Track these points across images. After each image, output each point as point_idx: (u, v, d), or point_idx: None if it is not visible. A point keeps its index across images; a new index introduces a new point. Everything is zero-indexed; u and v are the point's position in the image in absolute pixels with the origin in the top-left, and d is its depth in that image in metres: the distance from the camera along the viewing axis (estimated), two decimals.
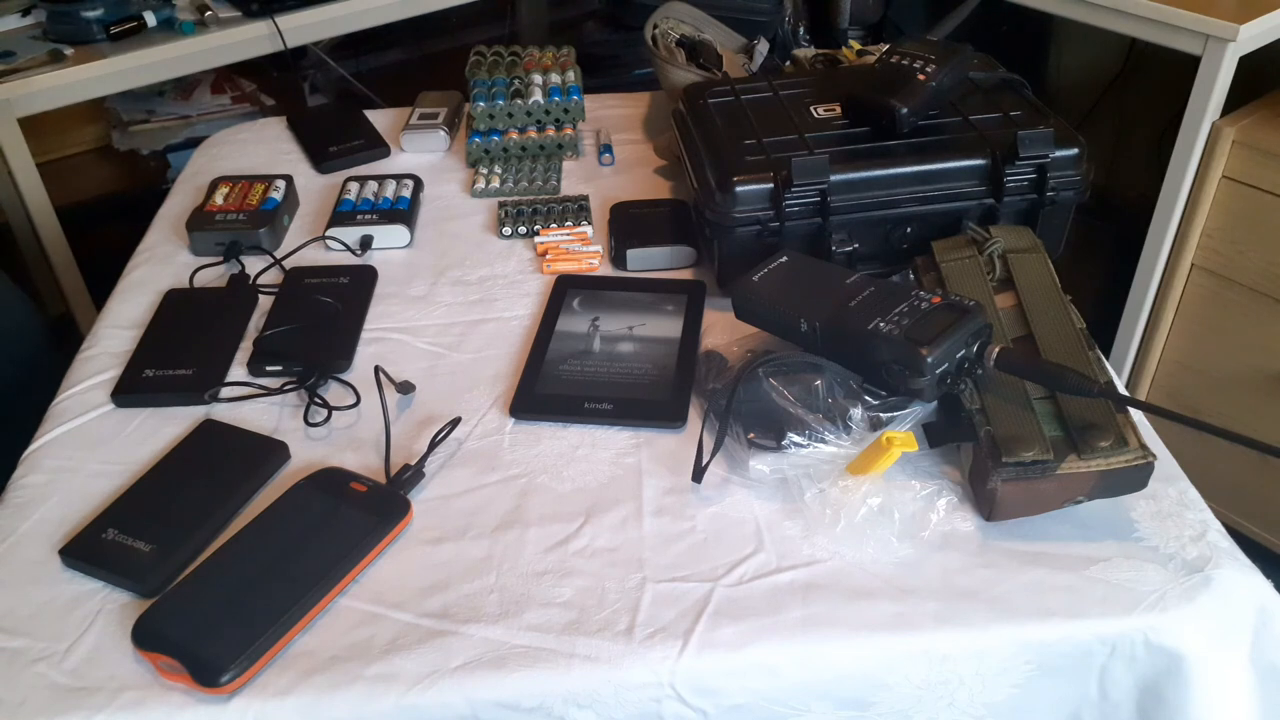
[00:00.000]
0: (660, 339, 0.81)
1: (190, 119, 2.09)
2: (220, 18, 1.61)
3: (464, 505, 0.68)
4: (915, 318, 0.66)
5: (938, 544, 0.64)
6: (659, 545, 0.65)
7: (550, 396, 0.76)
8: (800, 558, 0.64)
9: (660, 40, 1.15)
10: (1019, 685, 0.61)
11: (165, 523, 0.65)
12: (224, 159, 1.11)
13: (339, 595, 0.62)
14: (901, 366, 0.65)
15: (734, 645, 0.59)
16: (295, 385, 0.77)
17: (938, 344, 0.64)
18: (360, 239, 0.94)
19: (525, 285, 0.89)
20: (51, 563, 0.65)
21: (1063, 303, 0.72)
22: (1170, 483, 0.68)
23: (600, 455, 0.72)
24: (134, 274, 0.93)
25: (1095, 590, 0.61)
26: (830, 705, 0.60)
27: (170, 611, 0.60)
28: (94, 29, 1.55)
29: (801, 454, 0.67)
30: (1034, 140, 0.79)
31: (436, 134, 1.10)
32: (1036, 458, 0.62)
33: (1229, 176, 1.43)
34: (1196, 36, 1.36)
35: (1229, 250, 1.47)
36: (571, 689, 0.58)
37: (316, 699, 0.56)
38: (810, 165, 0.79)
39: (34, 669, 0.58)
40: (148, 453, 0.72)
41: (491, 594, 0.62)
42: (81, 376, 0.80)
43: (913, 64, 0.85)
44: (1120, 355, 1.64)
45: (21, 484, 0.71)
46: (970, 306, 0.67)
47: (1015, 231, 0.79)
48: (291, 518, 0.65)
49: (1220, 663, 0.61)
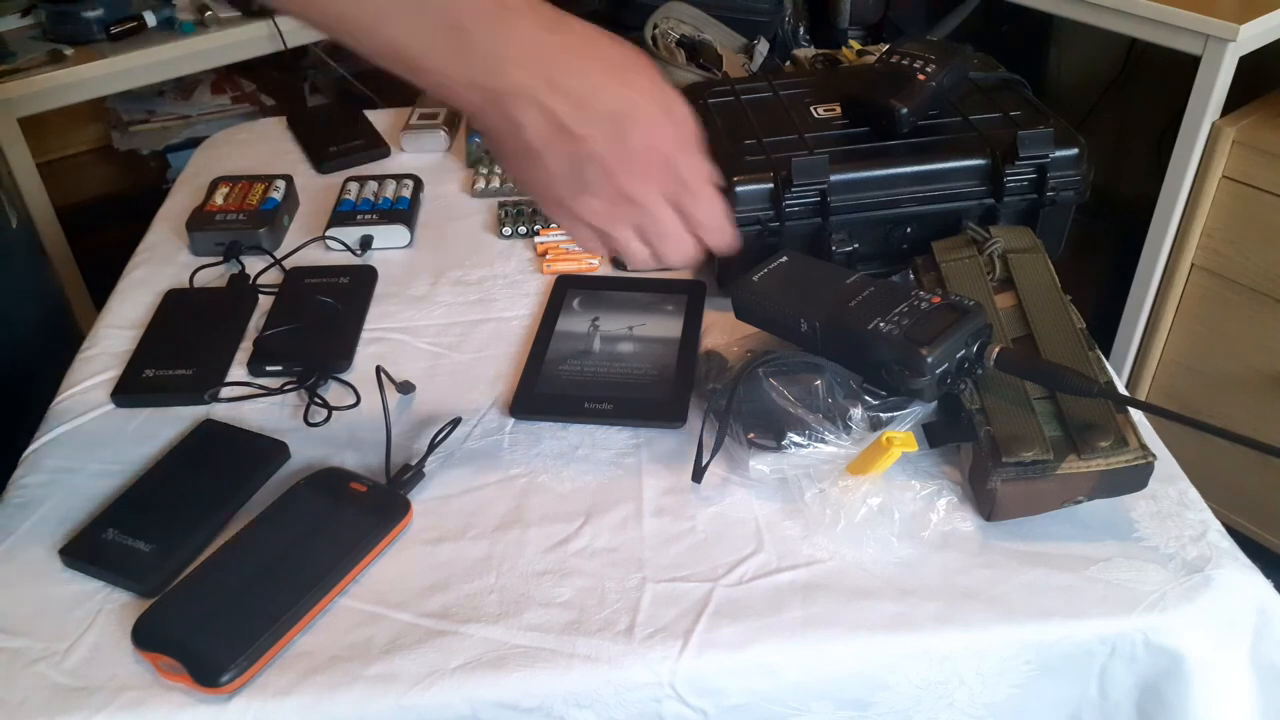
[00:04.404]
0: (660, 339, 0.81)
1: (190, 119, 2.09)
2: (220, 18, 1.61)
3: (464, 505, 0.68)
4: (915, 318, 0.66)
5: (938, 544, 0.64)
6: (659, 545, 0.65)
7: (550, 396, 0.76)
8: (800, 558, 0.64)
9: (660, 40, 1.15)
10: (1019, 685, 0.61)
11: (165, 523, 0.65)
12: (224, 159, 1.11)
13: (339, 595, 0.62)
14: (901, 366, 0.65)
15: (734, 645, 0.59)
16: (295, 385, 0.77)
17: (938, 344, 0.64)
18: (360, 239, 0.94)
19: (525, 285, 0.89)
20: (51, 563, 0.65)
21: (1063, 303, 0.72)
22: (1170, 483, 0.68)
23: (600, 455, 0.72)
24: (134, 274, 0.93)
25: (1095, 590, 0.61)
26: (830, 705, 0.60)
27: (170, 611, 0.60)
28: (94, 29, 1.55)
29: (801, 454, 0.67)
30: (1034, 140, 0.79)
31: (436, 134, 1.10)
32: (1036, 458, 0.62)
33: (1229, 176, 1.43)
34: (1196, 36, 1.36)
35: (1229, 250, 1.47)
36: (571, 689, 0.58)
37: (316, 699, 0.56)
38: (810, 165, 0.79)
39: (34, 669, 0.58)
40: (148, 453, 0.72)
41: (491, 594, 0.62)
42: (81, 376, 0.80)
43: (913, 64, 0.85)
44: (1120, 355, 1.64)
45: (21, 484, 0.71)
46: (970, 306, 0.67)
47: (1015, 231, 0.79)
48: (291, 518, 0.65)
49: (1220, 663, 0.61)
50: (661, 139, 0.57)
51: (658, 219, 0.59)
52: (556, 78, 0.54)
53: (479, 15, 0.53)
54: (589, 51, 0.56)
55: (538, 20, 0.54)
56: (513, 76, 0.54)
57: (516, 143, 0.56)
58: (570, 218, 0.59)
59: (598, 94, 0.55)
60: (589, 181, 0.57)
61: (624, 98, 0.56)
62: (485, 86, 0.54)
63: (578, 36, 0.56)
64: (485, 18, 0.53)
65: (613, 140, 0.55)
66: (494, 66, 0.53)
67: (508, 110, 0.54)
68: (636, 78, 0.57)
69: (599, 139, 0.55)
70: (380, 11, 0.53)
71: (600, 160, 0.56)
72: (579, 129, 0.55)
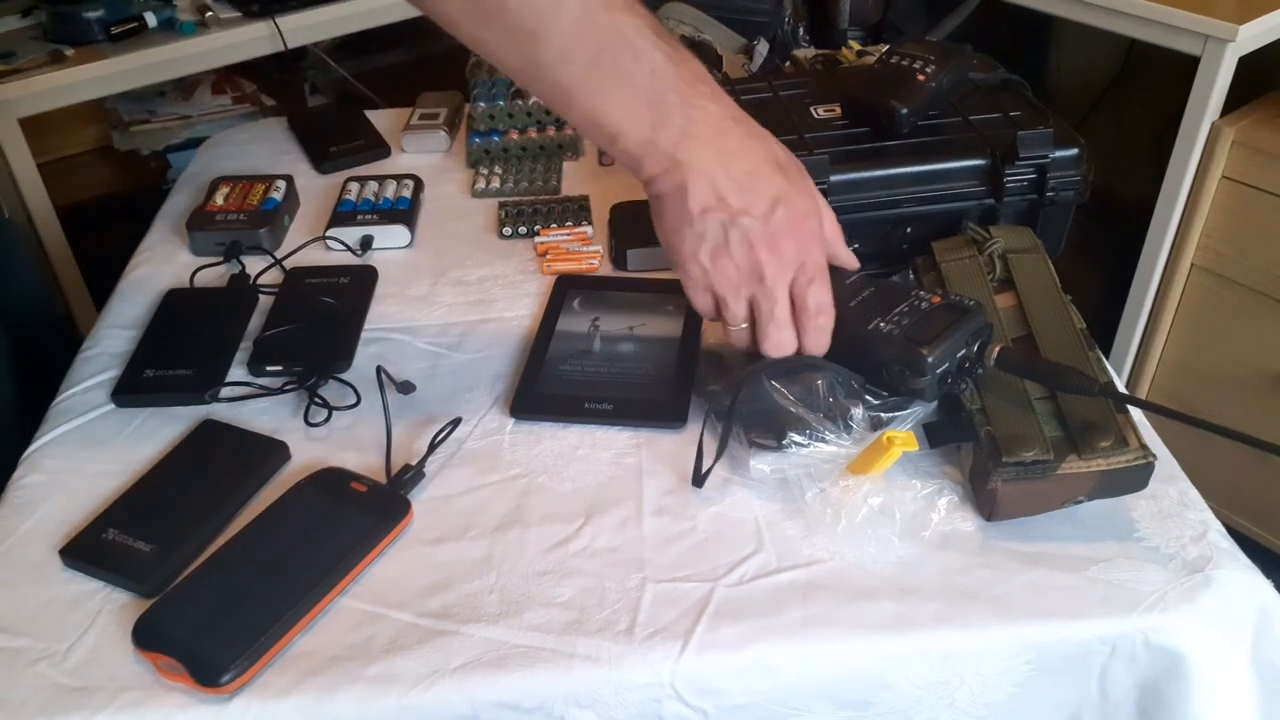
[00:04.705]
0: (660, 339, 0.81)
1: (191, 119, 2.08)
2: (220, 18, 1.61)
3: (464, 505, 0.68)
4: (915, 318, 0.67)
5: (938, 544, 0.64)
6: (659, 545, 0.65)
7: (550, 396, 0.76)
8: (800, 558, 0.64)
9: None
10: (1019, 685, 0.61)
11: (165, 523, 0.65)
12: (225, 159, 1.11)
13: (339, 595, 0.62)
14: (902, 367, 0.65)
15: (734, 645, 0.59)
16: (295, 385, 0.77)
17: (938, 344, 0.64)
18: (360, 239, 0.94)
19: (525, 285, 0.89)
20: (51, 563, 0.65)
21: (1063, 303, 0.72)
22: (1170, 483, 0.68)
23: (600, 455, 0.72)
24: (134, 274, 0.93)
25: (1095, 590, 0.61)
26: (830, 705, 0.60)
27: (170, 611, 0.60)
28: (94, 29, 1.55)
29: (802, 454, 0.67)
30: (1034, 140, 0.79)
31: (437, 134, 1.10)
32: (1037, 458, 0.62)
33: (1229, 176, 1.43)
34: (1196, 37, 1.36)
35: (1229, 250, 1.47)
36: (572, 689, 0.58)
37: (317, 699, 0.56)
38: (810, 165, 0.78)
39: (34, 669, 0.58)
40: (148, 453, 0.72)
41: (492, 594, 0.62)
42: (81, 376, 0.80)
43: (913, 64, 0.85)
44: (1120, 355, 1.64)
45: (21, 484, 0.71)
46: (970, 306, 0.67)
47: (1015, 231, 0.79)
48: (292, 518, 0.65)
49: (1220, 663, 0.61)
50: (804, 228, 0.65)
51: (775, 300, 0.65)
52: (729, 160, 0.63)
53: (679, 93, 0.62)
54: (759, 144, 0.65)
55: (722, 109, 0.64)
56: (694, 151, 0.63)
57: (679, 207, 0.64)
58: (701, 277, 0.66)
59: (760, 178, 0.64)
60: (731, 246, 0.64)
61: (781, 185, 0.64)
62: (670, 156, 0.63)
63: (751, 129, 0.65)
64: (684, 96, 0.62)
65: (764, 216, 0.63)
66: (681, 142, 0.62)
67: (682, 178, 0.63)
68: (794, 174, 0.66)
69: (752, 212, 0.63)
70: (596, 84, 0.61)
71: (747, 230, 0.63)
72: (737, 203, 0.63)
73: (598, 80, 0.61)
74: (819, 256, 0.66)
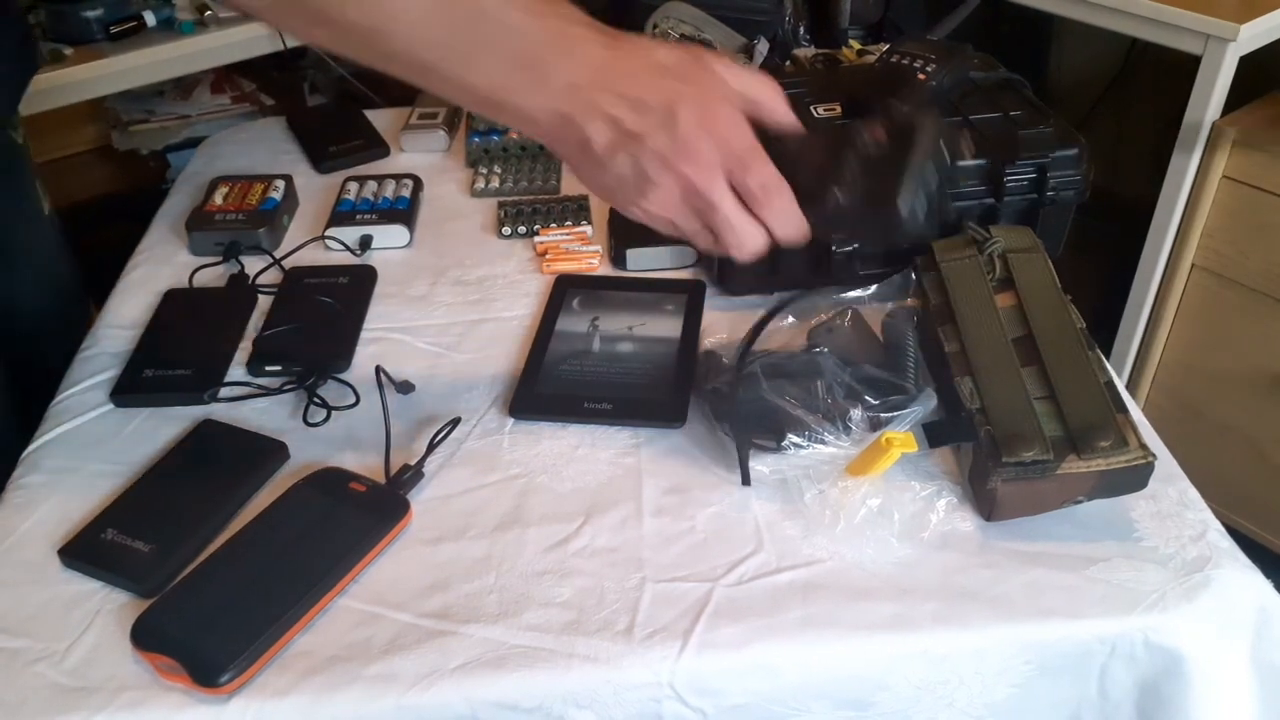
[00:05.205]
0: (660, 339, 0.81)
1: (190, 119, 2.08)
2: (220, 17, 1.61)
3: (463, 505, 0.68)
4: (869, 170, 0.62)
5: (937, 544, 0.64)
6: (658, 545, 0.65)
7: (550, 396, 0.76)
8: (800, 558, 0.63)
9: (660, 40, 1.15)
10: (1019, 685, 0.61)
11: (165, 523, 0.65)
12: (224, 159, 1.11)
13: (338, 595, 0.62)
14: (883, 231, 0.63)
15: (734, 645, 0.59)
16: (295, 385, 0.77)
17: (904, 190, 0.60)
18: (360, 239, 0.94)
19: (525, 285, 0.89)
20: (51, 563, 0.65)
21: (1063, 303, 0.72)
22: (1170, 483, 0.68)
23: (600, 455, 0.72)
24: (133, 274, 0.93)
25: (1095, 590, 0.61)
26: (830, 705, 0.60)
27: (169, 612, 0.60)
28: (93, 28, 1.55)
29: (801, 454, 0.67)
30: (1034, 140, 0.79)
31: (436, 134, 1.10)
32: (1036, 458, 0.62)
33: (1229, 176, 1.43)
34: (1197, 36, 1.35)
35: (1229, 250, 1.47)
36: (571, 689, 0.58)
37: (316, 699, 0.56)
38: None
39: (33, 669, 0.58)
40: (147, 453, 0.72)
41: (491, 594, 0.62)
42: (81, 376, 0.80)
43: (913, 64, 0.85)
44: (1120, 355, 1.64)
45: (21, 484, 0.71)
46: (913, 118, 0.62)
47: (1015, 231, 0.79)
48: (291, 518, 0.65)
49: (1220, 663, 0.61)
50: (715, 120, 0.59)
51: (715, 205, 0.60)
52: (613, 86, 0.58)
53: (549, 47, 0.58)
54: (642, 59, 0.60)
55: (599, 41, 0.59)
56: (580, 96, 0.58)
57: (589, 157, 0.59)
58: (646, 215, 0.62)
59: (649, 93, 0.58)
60: (651, 174, 0.59)
61: (672, 89, 0.58)
62: (559, 111, 0.58)
63: (632, 48, 0.60)
64: (554, 48, 0.58)
65: (665, 130, 0.58)
66: (565, 92, 0.58)
67: (578, 128, 0.58)
68: (686, 71, 0.60)
69: (653, 132, 0.58)
70: (460, 59, 0.57)
71: (656, 153, 0.58)
72: (635, 128, 0.58)
73: (461, 55, 0.57)
74: (743, 140, 0.60)
